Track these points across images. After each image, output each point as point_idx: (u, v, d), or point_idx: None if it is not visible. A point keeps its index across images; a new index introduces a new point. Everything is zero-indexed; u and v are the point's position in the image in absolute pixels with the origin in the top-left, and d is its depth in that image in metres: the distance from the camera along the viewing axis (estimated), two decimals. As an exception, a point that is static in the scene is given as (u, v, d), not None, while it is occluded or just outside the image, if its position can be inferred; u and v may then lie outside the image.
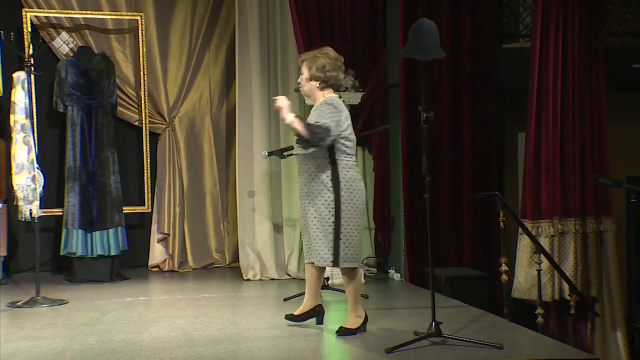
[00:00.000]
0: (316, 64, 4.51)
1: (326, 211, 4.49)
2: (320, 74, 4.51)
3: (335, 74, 4.54)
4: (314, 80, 4.54)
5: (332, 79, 4.53)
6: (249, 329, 4.94)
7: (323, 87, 4.54)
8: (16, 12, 6.63)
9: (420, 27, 4.46)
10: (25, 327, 5.00)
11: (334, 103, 4.48)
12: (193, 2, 7.16)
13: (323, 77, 4.51)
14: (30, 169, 5.70)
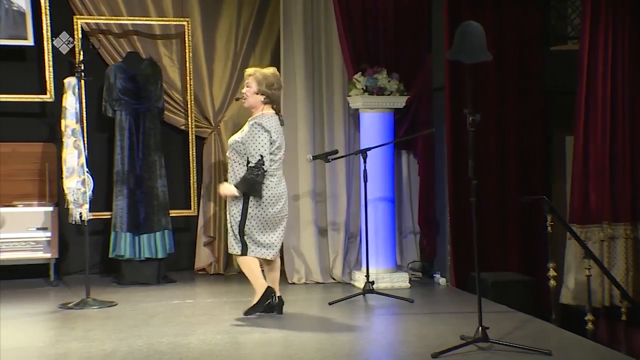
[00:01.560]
0: (266, 82, 5.14)
1: (236, 210, 5.16)
2: (268, 90, 5.14)
3: (279, 93, 5.23)
4: (260, 95, 5.15)
5: (275, 97, 5.17)
6: (294, 332, 4.95)
7: (266, 102, 5.15)
8: (68, 19, 6.75)
9: (466, 30, 4.43)
10: (76, 328, 5.09)
11: (263, 123, 5.08)
12: (238, 6, 7.22)
13: (269, 94, 5.13)
14: (81, 173, 5.80)
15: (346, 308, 5.67)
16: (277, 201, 5.19)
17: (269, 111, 5.17)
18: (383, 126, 6.50)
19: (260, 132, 5.07)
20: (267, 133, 5.06)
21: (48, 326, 5.26)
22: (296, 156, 6.76)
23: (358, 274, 6.49)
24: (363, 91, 6.45)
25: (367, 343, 4.75)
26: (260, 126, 5.08)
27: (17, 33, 6.62)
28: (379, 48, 6.72)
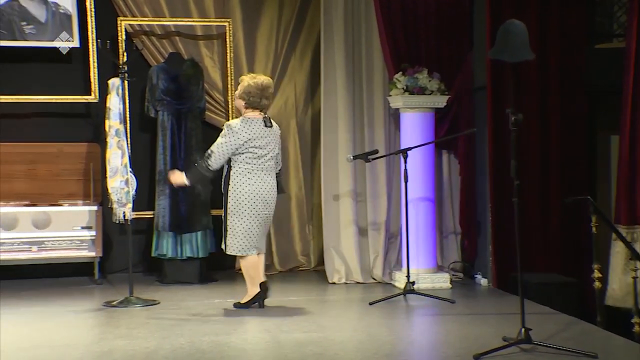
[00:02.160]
0: (245, 89, 5.53)
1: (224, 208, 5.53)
2: (246, 97, 5.52)
3: (259, 100, 5.53)
4: (240, 100, 5.56)
5: (255, 104, 5.52)
6: (335, 332, 4.96)
7: (247, 107, 5.54)
8: (112, 21, 6.85)
9: (509, 28, 4.39)
10: (120, 326, 5.17)
11: (232, 124, 5.51)
12: (279, 7, 7.25)
13: (247, 100, 5.53)
14: (124, 173, 5.88)
15: (387, 308, 5.66)
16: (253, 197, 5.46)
17: (252, 114, 5.55)
18: (424, 126, 6.46)
19: (225, 132, 5.48)
20: (233, 134, 5.44)
21: (93, 324, 5.34)
22: (336, 156, 6.76)
23: (398, 274, 6.47)
24: (404, 91, 6.43)
25: (407, 343, 4.74)
26: (229, 127, 5.50)
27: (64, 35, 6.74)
28: (419, 47, 6.69)
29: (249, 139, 5.46)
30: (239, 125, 5.49)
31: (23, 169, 6.67)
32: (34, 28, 6.69)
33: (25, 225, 6.47)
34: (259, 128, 5.51)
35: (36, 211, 6.54)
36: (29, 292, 6.27)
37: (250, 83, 5.55)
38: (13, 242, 6.44)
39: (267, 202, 5.52)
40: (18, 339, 4.85)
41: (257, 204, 5.47)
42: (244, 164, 5.48)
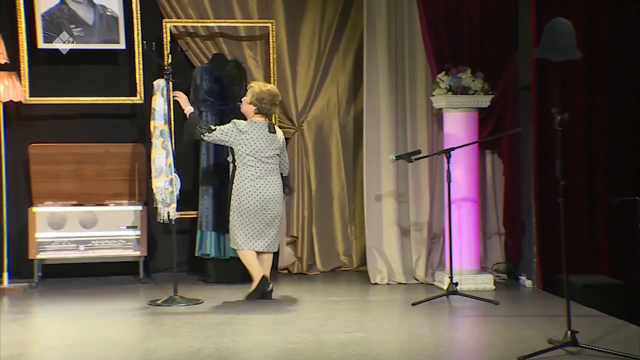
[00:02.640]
0: (258, 96, 5.90)
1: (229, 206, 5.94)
2: (258, 103, 5.91)
3: (270, 106, 5.96)
4: (252, 105, 5.93)
5: (265, 110, 5.93)
6: (377, 332, 4.95)
7: (257, 112, 5.93)
8: (157, 23, 6.94)
9: (555, 27, 4.33)
10: (164, 324, 5.22)
11: (238, 123, 5.88)
12: (322, 7, 7.26)
13: (258, 106, 5.91)
14: (168, 173, 5.94)
15: (429, 309, 5.63)
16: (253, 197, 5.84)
17: (258, 119, 5.93)
18: (467, 126, 6.42)
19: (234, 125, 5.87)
20: (237, 128, 5.85)
21: (138, 322, 5.41)
22: (379, 156, 6.74)
23: (441, 275, 6.43)
24: (447, 91, 6.39)
25: (451, 345, 4.71)
26: (235, 123, 5.89)
27: (110, 37, 6.85)
28: (463, 47, 6.64)
29: (251, 140, 5.85)
30: (245, 125, 5.90)
31: (71, 169, 6.77)
32: (82, 30, 6.81)
33: (72, 225, 6.57)
34: (263, 132, 5.89)
35: (83, 211, 6.64)
36: (76, 291, 6.38)
37: (263, 90, 5.93)
38: (61, 241, 6.55)
39: (269, 203, 5.87)
40: (65, 337, 4.94)
41: (257, 205, 5.84)
42: (248, 167, 5.85)
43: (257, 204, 5.84)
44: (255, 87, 5.96)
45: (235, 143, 5.87)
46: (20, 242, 6.78)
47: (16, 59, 6.71)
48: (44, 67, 6.93)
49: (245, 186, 5.85)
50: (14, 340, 4.80)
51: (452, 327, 5.30)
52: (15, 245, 6.80)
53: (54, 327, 5.27)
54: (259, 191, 5.85)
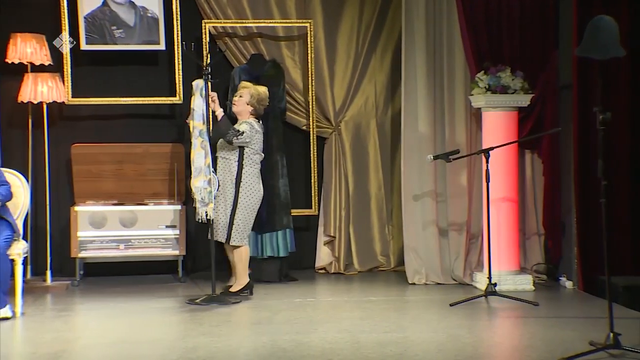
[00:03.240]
0: (258, 98, 6.11)
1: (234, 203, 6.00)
2: (257, 104, 6.12)
3: (264, 108, 6.20)
4: (250, 106, 6.10)
5: (261, 111, 6.17)
6: (415, 332, 4.93)
7: (252, 113, 6.12)
8: (196, 23, 7.00)
9: (598, 24, 4.27)
10: (203, 323, 5.27)
11: (256, 124, 6.11)
12: (360, 7, 7.25)
13: (257, 108, 6.13)
14: (207, 173, 5.98)
15: (468, 310, 5.60)
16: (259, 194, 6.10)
17: (253, 120, 6.12)
18: (506, 125, 6.36)
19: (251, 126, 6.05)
20: (256, 132, 6.06)
21: (177, 320, 5.46)
22: (416, 156, 6.71)
23: (480, 276, 6.38)
24: (486, 90, 6.34)
25: (490, 346, 4.67)
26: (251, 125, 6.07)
27: (150, 38, 6.93)
28: (502, 45, 6.58)
29: (260, 139, 6.11)
30: (257, 125, 6.12)
31: (111, 169, 6.85)
32: (123, 32, 6.90)
33: (113, 224, 6.66)
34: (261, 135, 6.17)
35: (123, 210, 6.72)
36: (116, 289, 6.47)
37: (260, 92, 6.14)
38: (102, 240, 6.65)
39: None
40: (106, 334, 5.01)
41: (259, 202, 6.10)
42: (255, 165, 6.07)
43: (260, 201, 6.11)
44: (253, 89, 6.11)
45: (252, 143, 6.02)
46: (63, 240, 6.89)
47: (60, 61, 6.83)
48: (86, 68, 7.03)
49: (255, 183, 6.04)
50: (57, 338, 4.89)
51: (490, 328, 5.26)
52: (58, 243, 6.91)
53: (95, 324, 5.35)
54: (261, 188, 6.12)
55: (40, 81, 6.62)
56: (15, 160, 6.49)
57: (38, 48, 6.60)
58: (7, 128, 6.76)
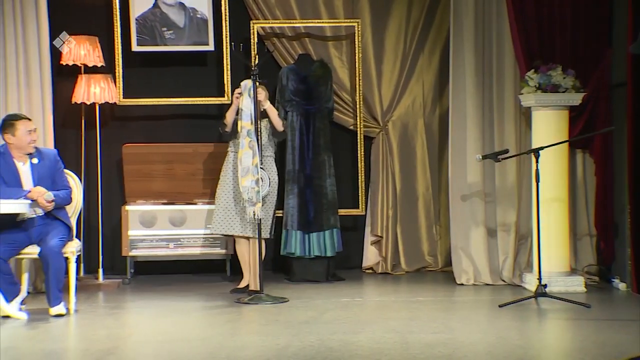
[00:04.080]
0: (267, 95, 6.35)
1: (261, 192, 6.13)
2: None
3: None
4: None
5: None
6: (463, 334, 4.90)
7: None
8: (244, 24, 7.05)
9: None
10: (251, 322, 5.31)
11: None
12: (408, 6, 7.22)
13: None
14: (255, 172, 6.03)
15: (517, 311, 5.53)
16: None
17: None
18: (557, 124, 6.27)
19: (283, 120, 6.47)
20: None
21: (225, 319, 5.50)
22: (464, 156, 6.66)
23: (529, 277, 6.31)
24: (536, 89, 6.26)
25: (540, 348, 4.61)
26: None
27: (200, 39, 7.01)
28: (553, 43, 6.48)
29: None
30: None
31: (161, 169, 6.94)
32: (173, 33, 6.99)
33: (163, 223, 6.75)
34: None
35: (173, 209, 6.81)
36: (165, 287, 6.55)
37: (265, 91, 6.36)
38: (152, 239, 6.74)
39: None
40: (156, 332, 5.09)
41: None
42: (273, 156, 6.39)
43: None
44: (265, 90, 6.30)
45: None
46: (114, 239, 7.01)
47: (111, 62, 6.95)
48: (137, 69, 7.14)
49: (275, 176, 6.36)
50: (109, 335, 4.98)
51: (541, 329, 5.19)
52: (109, 242, 7.03)
53: (146, 322, 5.43)
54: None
55: (93, 82, 6.74)
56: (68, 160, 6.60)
57: (91, 50, 6.73)
58: (61, 128, 6.89)
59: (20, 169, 5.53)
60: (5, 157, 5.50)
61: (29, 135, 5.53)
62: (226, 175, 6.33)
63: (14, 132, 5.50)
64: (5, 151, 5.52)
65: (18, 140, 5.50)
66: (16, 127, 5.50)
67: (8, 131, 5.51)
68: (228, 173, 6.32)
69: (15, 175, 5.49)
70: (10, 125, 5.51)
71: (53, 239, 5.40)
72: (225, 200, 6.30)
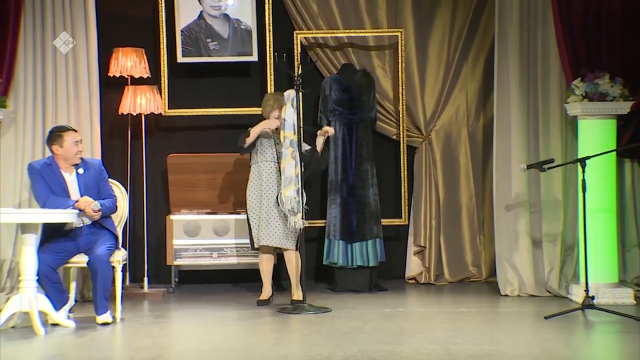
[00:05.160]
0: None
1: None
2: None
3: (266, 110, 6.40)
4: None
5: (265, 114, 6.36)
6: (508, 345, 4.83)
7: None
8: (288, 34, 7.09)
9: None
10: (294, 331, 5.31)
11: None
12: (452, 15, 7.19)
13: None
14: (296, 182, 6.04)
15: (563, 323, 5.44)
16: None
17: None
18: (604, 133, 6.17)
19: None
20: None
21: (268, 329, 5.52)
22: (509, 165, 6.59)
23: (576, 288, 6.21)
24: (582, 97, 6.17)
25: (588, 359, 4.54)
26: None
27: (243, 50, 7.07)
28: (601, 51, 6.38)
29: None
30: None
31: (205, 179, 7.00)
32: (218, 44, 7.07)
33: (206, 232, 6.80)
34: None
35: (216, 219, 6.86)
36: (209, 297, 6.60)
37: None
38: (196, 248, 6.80)
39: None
40: (200, 341, 5.12)
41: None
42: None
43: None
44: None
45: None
46: (159, 248, 7.09)
47: (157, 73, 7.05)
48: (182, 80, 7.23)
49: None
50: (154, 343, 5.03)
51: (588, 342, 5.10)
52: (154, 251, 7.11)
53: (190, 331, 5.48)
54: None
55: (139, 93, 6.84)
56: (114, 170, 6.71)
57: (138, 62, 6.83)
58: (108, 139, 7.00)
59: (67, 179, 5.63)
60: (52, 168, 5.60)
61: (76, 146, 5.63)
62: (251, 188, 6.24)
63: (62, 144, 5.60)
64: (53, 162, 5.63)
65: (65, 152, 5.61)
66: (64, 139, 5.61)
67: (56, 142, 5.62)
68: (253, 186, 6.24)
69: (63, 185, 5.60)
70: (58, 136, 5.62)
71: (101, 248, 5.49)
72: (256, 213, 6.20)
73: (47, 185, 5.55)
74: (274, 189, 6.15)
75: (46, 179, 5.55)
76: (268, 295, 6.27)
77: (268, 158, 6.20)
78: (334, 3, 7.17)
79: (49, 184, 5.55)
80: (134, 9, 7.18)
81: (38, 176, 5.57)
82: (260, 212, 6.16)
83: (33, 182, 5.61)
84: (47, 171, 5.58)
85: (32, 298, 5.24)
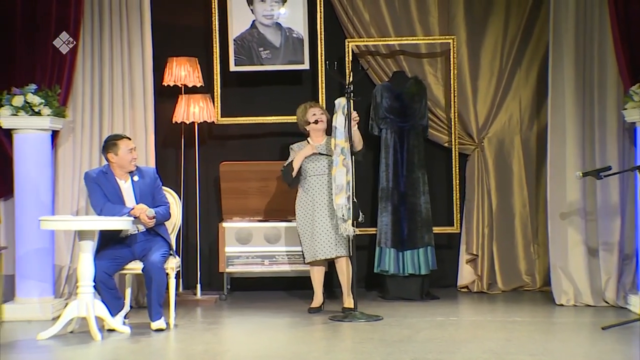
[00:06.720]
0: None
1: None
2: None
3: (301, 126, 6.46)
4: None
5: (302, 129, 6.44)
6: (564, 356, 4.75)
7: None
8: (339, 43, 7.10)
9: None
10: (345, 339, 5.30)
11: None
12: (505, 22, 7.13)
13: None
14: (347, 190, 6.04)
15: (622, 334, 5.32)
16: None
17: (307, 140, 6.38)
18: (663, 141, 6.04)
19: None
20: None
21: (320, 336, 5.52)
22: (564, 173, 6.49)
23: (635, 298, 6.07)
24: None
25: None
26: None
27: (295, 58, 7.11)
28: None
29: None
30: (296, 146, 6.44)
31: (257, 186, 7.04)
32: (270, 53, 7.13)
33: (258, 240, 6.84)
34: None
35: (268, 226, 6.89)
36: (261, 304, 6.63)
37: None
38: (248, 256, 6.85)
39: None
40: (253, 347, 5.15)
41: None
42: None
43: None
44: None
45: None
46: (211, 256, 7.15)
47: (210, 82, 7.13)
48: (234, 89, 7.31)
49: None
50: (207, 350, 5.07)
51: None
52: (206, 258, 7.18)
53: (243, 337, 5.51)
54: None
55: (192, 102, 6.93)
56: (168, 178, 6.81)
57: (191, 71, 6.93)
58: (162, 147, 7.11)
59: (122, 187, 5.73)
60: (108, 176, 5.71)
61: (130, 153, 5.73)
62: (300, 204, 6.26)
63: (117, 152, 5.70)
64: (108, 170, 5.73)
65: (120, 159, 5.71)
66: (119, 147, 5.71)
67: (111, 150, 5.72)
68: (302, 202, 6.25)
69: (118, 193, 5.69)
70: (113, 145, 5.73)
71: (155, 255, 5.56)
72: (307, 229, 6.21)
73: (103, 193, 5.65)
74: (326, 201, 6.15)
75: (102, 187, 5.66)
76: (319, 302, 6.27)
77: (315, 172, 6.22)
78: (386, 11, 7.16)
79: (105, 192, 5.66)
80: (188, 19, 7.28)
81: (94, 184, 5.68)
82: (313, 227, 6.16)
83: (89, 191, 5.72)
84: (103, 179, 5.69)
85: (89, 304, 5.34)
